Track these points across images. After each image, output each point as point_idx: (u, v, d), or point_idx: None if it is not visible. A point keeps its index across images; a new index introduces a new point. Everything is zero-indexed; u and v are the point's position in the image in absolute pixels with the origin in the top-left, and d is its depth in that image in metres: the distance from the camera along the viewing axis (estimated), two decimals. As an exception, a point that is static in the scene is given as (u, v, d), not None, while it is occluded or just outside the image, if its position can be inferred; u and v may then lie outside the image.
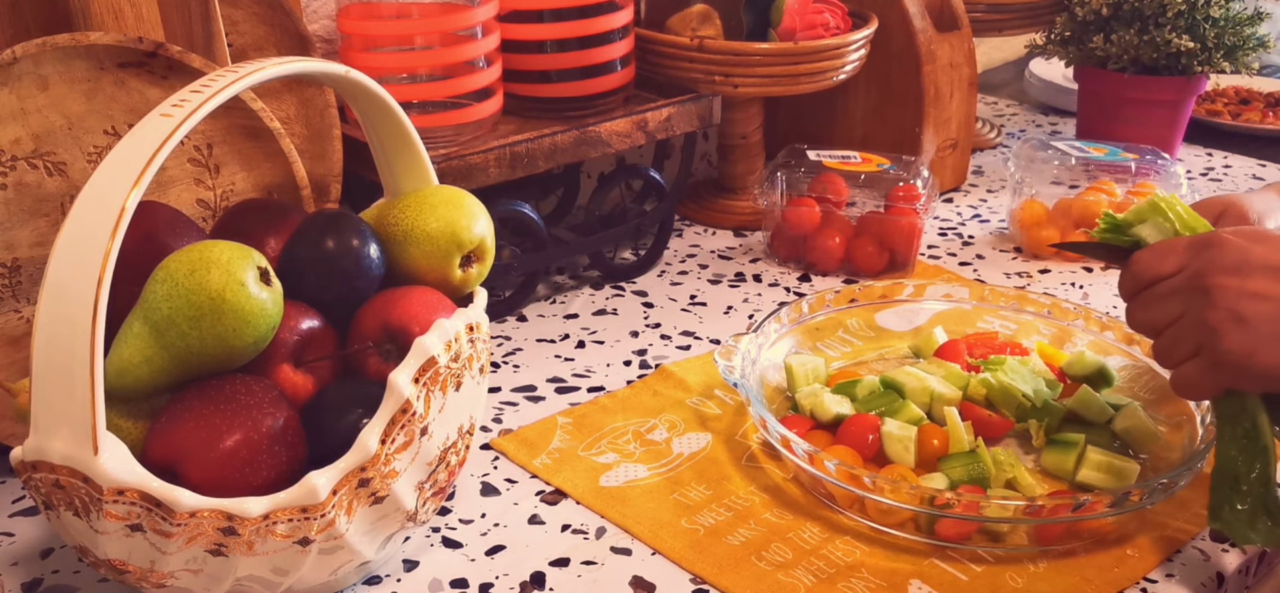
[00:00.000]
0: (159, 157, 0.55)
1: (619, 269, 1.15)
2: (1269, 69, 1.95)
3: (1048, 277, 1.15)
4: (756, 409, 0.80)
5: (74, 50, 0.76)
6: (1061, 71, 1.72)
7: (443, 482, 0.69)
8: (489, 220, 0.74)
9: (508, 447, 0.85)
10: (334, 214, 0.71)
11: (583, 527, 0.77)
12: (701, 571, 0.72)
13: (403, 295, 0.69)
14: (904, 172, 1.17)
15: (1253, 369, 0.69)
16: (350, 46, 0.99)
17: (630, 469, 0.82)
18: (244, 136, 0.85)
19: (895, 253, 1.14)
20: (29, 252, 0.78)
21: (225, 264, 0.61)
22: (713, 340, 1.02)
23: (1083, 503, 0.71)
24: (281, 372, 0.67)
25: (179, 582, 0.61)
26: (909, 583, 0.71)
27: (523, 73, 1.07)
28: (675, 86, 1.15)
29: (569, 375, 0.96)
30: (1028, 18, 1.48)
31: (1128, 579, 0.72)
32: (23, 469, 0.58)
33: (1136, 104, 1.36)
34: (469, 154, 0.97)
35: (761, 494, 0.80)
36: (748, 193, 1.28)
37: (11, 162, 0.76)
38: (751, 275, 1.16)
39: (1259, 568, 0.77)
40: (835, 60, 1.18)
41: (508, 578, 0.72)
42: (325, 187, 0.96)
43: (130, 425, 0.63)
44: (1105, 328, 0.93)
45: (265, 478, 0.62)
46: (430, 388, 0.64)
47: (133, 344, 0.62)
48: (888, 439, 0.80)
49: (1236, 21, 1.32)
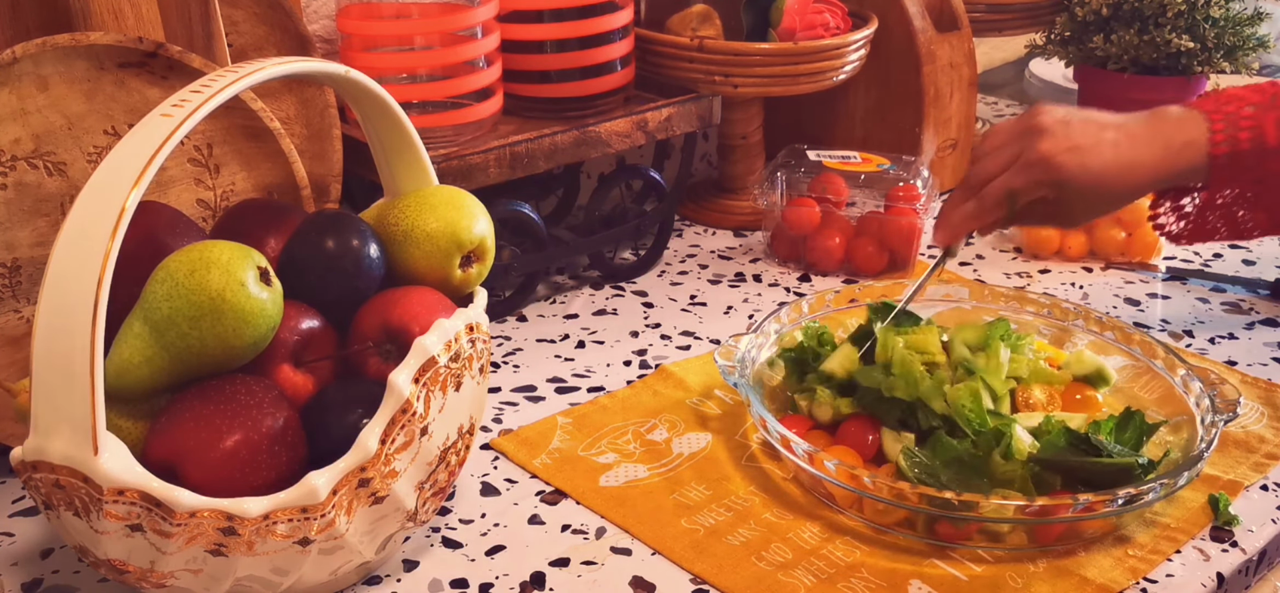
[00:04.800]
0: (159, 157, 0.55)
1: (619, 269, 1.15)
2: (1269, 69, 1.95)
3: (1048, 277, 1.15)
4: (756, 409, 0.79)
5: (74, 50, 0.76)
6: (1061, 71, 1.72)
7: (443, 482, 0.69)
8: (489, 220, 0.74)
9: (508, 447, 0.85)
10: (334, 214, 0.71)
11: (583, 527, 0.77)
12: (701, 571, 0.72)
13: (403, 295, 0.69)
14: (904, 172, 1.17)
15: (1074, 168, 0.87)
16: (350, 46, 0.99)
17: (630, 469, 0.82)
18: (244, 136, 0.85)
19: (895, 253, 1.14)
20: (29, 252, 0.78)
21: (225, 264, 0.61)
22: (713, 340, 1.02)
23: (1083, 503, 0.71)
24: (281, 372, 0.67)
25: (179, 582, 0.61)
26: (909, 583, 0.71)
27: (523, 73, 1.07)
28: (675, 86, 1.15)
29: (569, 375, 0.96)
30: (1028, 18, 1.48)
31: (1128, 579, 0.72)
32: (23, 469, 0.58)
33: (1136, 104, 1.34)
34: (469, 154, 0.97)
35: (761, 494, 0.80)
36: (748, 193, 1.28)
37: (11, 162, 0.76)
38: (751, 275, 1.16)
39: (1259, 568, 0.77)
40: (835, 60, 1.18)
41: (508, 578, 0.72)
42: (325, 187, 0.96)
43: (130, 425, 0.63)
44: (1105, 328, 0.93)
45: (265, 478, 0.62)
46: (430, 388, 0.64)
47: (133, 344, 0.62)
48: (887, 438, 0.80)
49: (1236, 21, 1.33)
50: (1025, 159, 0.88)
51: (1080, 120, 0.89)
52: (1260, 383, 0.93)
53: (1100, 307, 1.08)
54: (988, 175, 0.90)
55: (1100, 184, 0.88)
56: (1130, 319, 1.05)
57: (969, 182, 0.91)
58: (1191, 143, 0.89)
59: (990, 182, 0.90)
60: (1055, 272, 1.16)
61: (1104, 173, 0.88)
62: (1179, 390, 0.85)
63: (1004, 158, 0.89)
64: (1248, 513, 0.78)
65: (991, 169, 0.90)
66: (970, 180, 0.91)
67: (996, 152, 0.90)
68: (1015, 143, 0.89)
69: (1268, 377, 0.94)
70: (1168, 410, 0.85)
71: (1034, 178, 0.88)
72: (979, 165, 0.91)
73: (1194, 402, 0.83)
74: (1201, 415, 0.81)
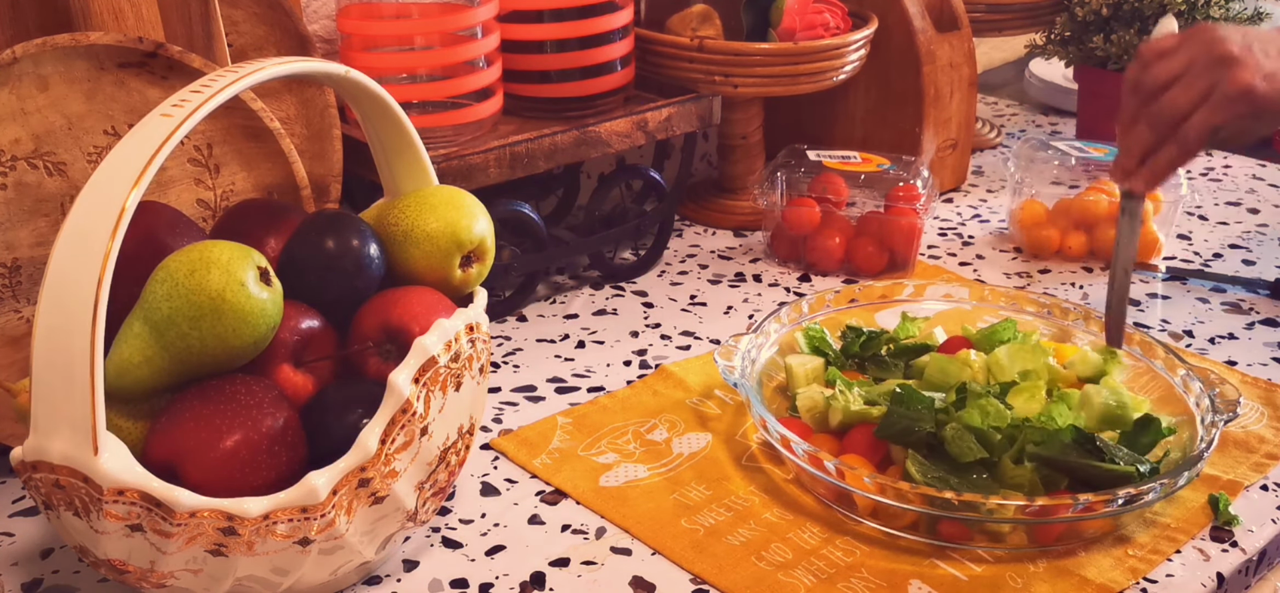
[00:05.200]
0: (159, 157, 0.55)
1: (619, 269, 1.15)
2: (1269, 69, 1.94)
3: (1048, 277, 1.15)
4: (756, 409, 0.79)
5: (74, 50, 0.76)
6: (1061, 71, 1.72)
7: (443, 482, 0.69)
8: (489, 220, 0.74)
9: (508, 447, 0.85)
10: (334, 214, 0.71)
11: (583, 527, 0.77)
12: (701, 571, 0.72)
13: (403, 295, 0.69)
14: (904, 172, 1.17)
15: (1275, 96, 0.81)
16: (350, 46, 0.99)
17: (630, 469, 0.82)
18: (244, 136, 0.85)
19: (895, 253, 1.14)
20: (29, 252, 0.78)
21: (225, 264, 0.61)
22: (713, 340, 1.02)
23: (1083, 503, 0.71)
24: (281, 372, 0.67)
25: (179, 582, 0.61)
26: (909, 583, 0.71)
27: (523, 73, 1.07)
28: (675, 86, 1.15)
29: (569, 375, 0.96)
30: (1028, 18, 1.48)
31: (1127, 579, 0.72)
32: (23, 469, 0.58)
33: (1136, 104, 1.36)
34: (469, 154, 0.97)
35: (761, 494, 0.80)
36: (748, 193, 1.28)
37: (11, 162, 0.76)
38: (751, 275, 1.16)
39: (1259, 568, 0.77)
40: (835, 60, 1.18)
41: (508, 578, 0.72)
42: (325, 187, 0.96)
43: (130, 425, 0.63)
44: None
45: (265, 478, 0.62)
46: (430, 388, 0.64)
47: (133, 344, 0.62)
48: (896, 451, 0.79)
49: (1236, 22, 1.32)
50: (1223, 92, 0.82)
51: (1260, 42, 0.83)
52: (1260, 383, 0.93)
53: (1100, 307, 1.08)
54: (1178, 110, 0.83)
55: None
56: (1130, 319, 1.05)
57: (1155, 118, 0.84)
58: None
59: (1182, 117, 0.83)
60: (1055, 272, 1.16)
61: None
62: (1179, 390, 0.85)
63: (1197, 91, 0.82)
64: (1248, 513, 0.78)
65: (1181, 103, 0.83)
66: (1156, 117, 0.84)
67: (1183, 83, 0.83)
68: (1206, 74, 0.82)
69: (1268, 377, 0.94)
70: (1168, 411, 0.85)
71: (1237, 112, 0.82)
72: (1165, 99, 0.83)
73: (1194, 402, 0.83)
74: (1201, 416, 0.81)
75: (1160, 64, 0.84)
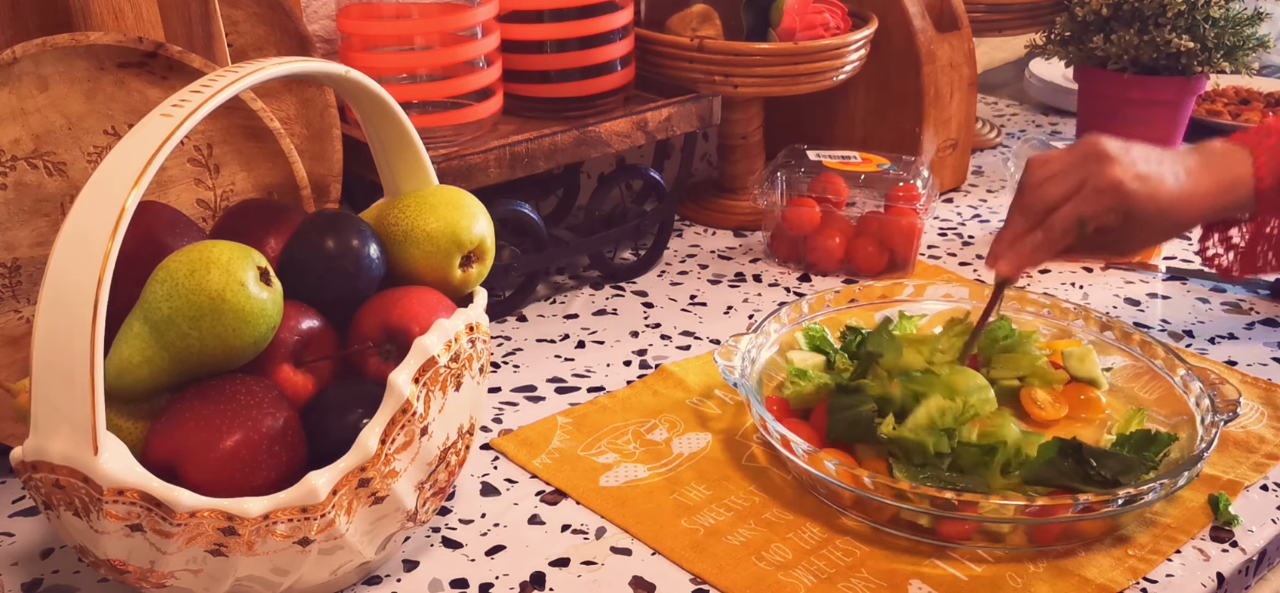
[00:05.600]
0: (159, 157, 0.55)
1: (619, 269, 1.15)
2: (1269, 69, 1.95)
3: (1048, 277, 1.15)
4: (756, 409, 0.79)
5: (74, 50, 0.76)
6: (1061, 71, 1.72)
7: (443, 482, 0.69)
8: (489, 220, 0.74)
9: (508, 447, 0.85)
10: (334, 214, 0.71)
11: (583, 527, 0.77)
12: (701, 571, 0.72)
13: (403, 295, 0.69)
14: (904, 172, 1.17)
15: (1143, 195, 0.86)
16: (350, 46, 0.99)
17: (630, 469, 0.82)
18: (244, 136, 0.85)
19: (895, 253, 1.14)
20: (29, 252, 0.78)
21: (225, 264, 0.61)
22: (713, 340, 1.02)
23: (1083, 503, 0.71)
24: (281, 372, 0.67)
25: (179, 582, 0.61)
26: (909, 583, 0.71)
27: (523, 73, 1.07)
28: (675, 86, 1.15)
29: (569, 375, 0.96)
30: (1028, 18, 1.48)
31: (1127, 579, 0.72)
32: (23, 469, 0.58)
33: (1136, 104, 1.36)
34: (469, 154, 0.97)
35: (761, 494, 0.80)
36: (748, 193, 1.28)
37: (11, 162, 0.76)
38: (751, 275, 1.16)
39: (1259, 568, 0.77)
40: (835, 60, 1.18)
41: (508, 578, 0.72)
42: (325, 187, 0.96)
43: (130, 426, 0.63)
44: (1105, 328, 0.93)
45: (265, 478, 0.62)
46: (430, 388, 0.64)
47: (133, 344, 0.62)
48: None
49: (1236, 21, 1.32)
50: (1093, 185, 0.86)
51: (1140, 149, 0.88)
52: (1260, 383, 0.93)
53: (1100, 307, 1.08)
54: (1050, 202, 0.87)
55: (1165, 212, 0.87)
56: (1130, 319, 1.05)
57: (1028, 209, 0.88)
58: (1239, 179, 0.90)
59: (1053, 210, 0.87)
60: (1055, 272, 1.16)
61: (1169, 201, 0.87)
62: (1179, 390, 0.85)
63: (1068, 184, 0.87)
64: (1248, 513, 0.78)
65: (1054, 196, 0.87)
66: (1029, 208, 0.88)
67: (1056, 178, 0.87)
68: (1079, 169, 0.87)
69: (1268, 377, 0.94)
70: (1168, 410, 0.85)
71: (1104, 204, 0.86)
72: (1038, 192, 0.87)
73: (1194, 402, 0.83)
74: (1201, 416, 0.81)
75: (1043, 168, 0.89)
